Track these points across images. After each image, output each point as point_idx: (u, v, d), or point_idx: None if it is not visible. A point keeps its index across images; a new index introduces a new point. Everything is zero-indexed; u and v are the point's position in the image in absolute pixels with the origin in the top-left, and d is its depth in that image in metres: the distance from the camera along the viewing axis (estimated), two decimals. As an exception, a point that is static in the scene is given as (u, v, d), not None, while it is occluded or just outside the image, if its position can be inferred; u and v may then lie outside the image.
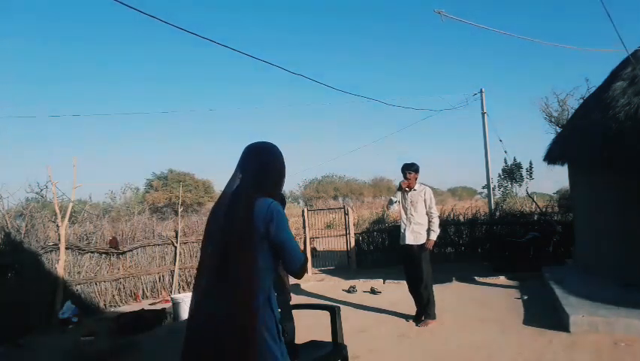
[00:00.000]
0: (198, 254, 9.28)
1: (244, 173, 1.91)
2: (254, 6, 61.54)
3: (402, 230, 5.75)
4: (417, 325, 5.54)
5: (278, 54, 70.18)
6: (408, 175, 5.62)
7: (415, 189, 5.68)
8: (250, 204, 1.79)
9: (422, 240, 5.64)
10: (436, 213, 5.70)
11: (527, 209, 11.91)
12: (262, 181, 1.90)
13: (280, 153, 2.04)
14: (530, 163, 14.38)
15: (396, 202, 5.71)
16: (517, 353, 4.40)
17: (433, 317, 5.60)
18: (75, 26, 53.45)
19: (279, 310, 1.98)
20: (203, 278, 1.85)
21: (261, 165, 1.93)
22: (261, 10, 61.38)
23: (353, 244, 11.33)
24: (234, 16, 61.05)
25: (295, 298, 7.32)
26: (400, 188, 5.72)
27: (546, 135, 15.19)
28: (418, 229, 5.64)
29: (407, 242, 5.64)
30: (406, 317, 5.86)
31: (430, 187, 5.85)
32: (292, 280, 9.37)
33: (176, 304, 6.62)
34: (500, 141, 15.17)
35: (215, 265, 1.79)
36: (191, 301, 1.86)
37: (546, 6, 58.79)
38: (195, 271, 8.78)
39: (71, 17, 54.35)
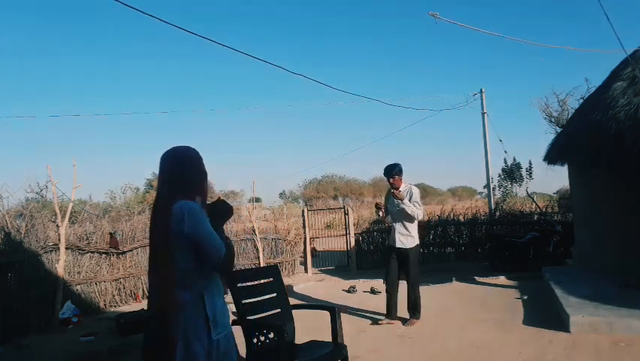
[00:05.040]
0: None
1: (162, 180, 2.09)
2: (254, 6, 61.54)
3: (392, 231, 5.73)
4: (404, 324, 5.56)
5: (278, 54, 70.25)
6: (391, 180, 5.59)
7: (400, 190, 5.62)
8: (167, 210, 1.96)
9: (411, 243, 5.63)
10: (421, 208, 5.64)
11: (527, 209, 11.92)
12: (179, 185, 2.03)
13: (193, 155, 2.14)
14: (530, 163, 14.39)
15: (382, 215, 5.99)
16: (517, 353, 4.40)
17: (418, 317, 5.61)
18: (75, 26, 53.47)
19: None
20: (149, 275, 2.13)
21: (175, 170, 2.07)
22: (262, 10, 61.42)
23: (353, 244, 11.34)
24: (235, 17, 61.07)
25: (295, 299, 7.33)
26: (378, 208, 5.98)
27: (546, 135, 15.14)
28: (407, 232, 5.63)
29: (397, 245, 5.62)
30: (406, 317, 5.84)
31: (417, 187, 5.81)
32: (292, 281, 9.39)
33: (176, 304, 6.60)
34: (500, 141, 15.19)
35: (150, 265, 2.06)
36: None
37: (546, 6, 58.81)
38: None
39: (71, 17, 54.38)
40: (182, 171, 2.07)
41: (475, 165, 45.42)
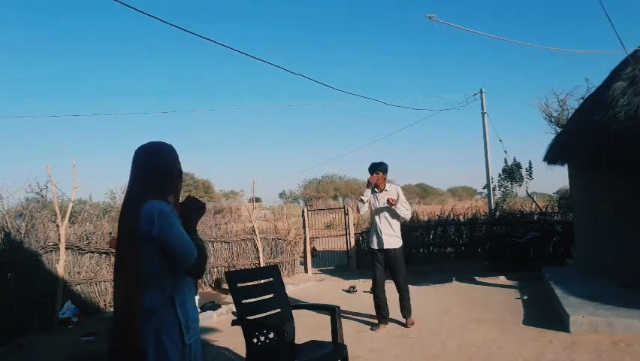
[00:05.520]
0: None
1: (134, 177, 1.98)
2: (255, 6, 61.53)
3: (377, 233, 5.52)
4: (406, 326, 5.47)
5: (279, 54, 70.19)
6: (375, 175, 5.47)
7: (386, 190, 5.56)
8: (136, 209, 1.87)
9: (398, 243, 5.54)
10: (409, 208, 5.59)
11: (527, 209, 11.91)
12: (151, 183, 1.94)
13: (166, 152, 2.04)
14: (530, 163, 14.36)
15: (366, 202, 5.49)
16: (517, 353, 4.40)
17: (411, 314, 5.60)
18: (75, 26, 53.48)
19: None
20: (115, 277, 2.01)
21: (147, 167, 1.97)
22: (262, 11, 61.39)
23: (353, 244, 11.34)
24: (235, 18, 61.05)
25: (295, 299, 7.33)
26: (368, 184, 5.49)
27: (546, 135, 15.12)
28: (394, 232, 5.53)
29: (385, 246, 5.46)
30: (398, 320, 5.70)
31: (400, 186, 5.76)
32: (292, 281, 9.38)
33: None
34: (500, 141, 15.18)
35: (117, 266, 1.96)
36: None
37: (546, 6, 58.77)
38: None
39: (72, 17, 54.36)
40: (156, 167, 1.97)
41: (475, 165, 45.42)
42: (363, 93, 44.52)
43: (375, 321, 5.63)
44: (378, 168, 5.51)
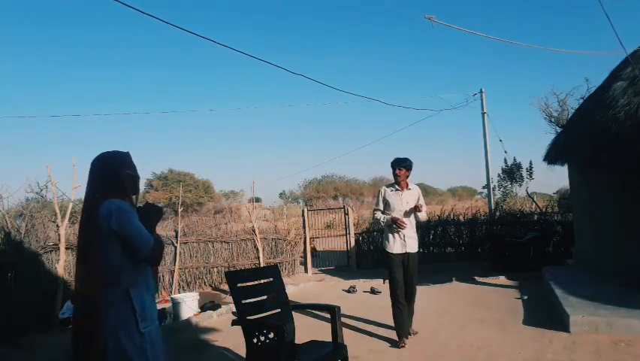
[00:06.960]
0: (198, 254, 9.34)
1: (89, 184, 2.20)
2: (255, 8, 61.53)
3: (399, 235, 4.99)
4: (410, 334, 5.04)
5: (280, 55, 70.20)
6: (398, 171, 5.01)
7: (409, 188, 5.12)
8: (94, 210, 2.08)
9: (417, 245, 5.17)
10: (425, 208, 5.24)
11: (527, 209, 11.91)
12: (106, 187, 2.15)
13: (115, 158, 2.25)
14: (530, 163, 14.34)
15: (383, 223, 5.11)
16: (517, 353, 4.39)
17: None
18: (76, 26, 53.49)
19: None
20: (76, 275, 2.23)
21: (101, 173, 2.19)
22: (263, 12, 61.41)
23: (353, 244, 11.34)
24: (235, 18, 61.07)
25: (295, 299, 7.33)
26: (394, 222, 4.94)
27: (546, 135, 15.09)
28: (414, 234, 5.16)
29: (408, 250, 5.01)
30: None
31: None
32: (292, 281, 9.39)
33: (176, 304, 6.61)
34: (500, 141, 15.15)
35: (78, 265, 2.17)
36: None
37: (546, 6, 58.79)
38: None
39: (72, 18, 54.36)
40: (107, 173, 2.18)
41: (475, 165, 45.46)
42: (363, 93, 44.51)
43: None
44: (402, 164, 5.05)
